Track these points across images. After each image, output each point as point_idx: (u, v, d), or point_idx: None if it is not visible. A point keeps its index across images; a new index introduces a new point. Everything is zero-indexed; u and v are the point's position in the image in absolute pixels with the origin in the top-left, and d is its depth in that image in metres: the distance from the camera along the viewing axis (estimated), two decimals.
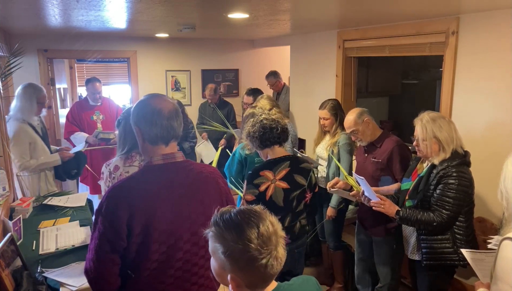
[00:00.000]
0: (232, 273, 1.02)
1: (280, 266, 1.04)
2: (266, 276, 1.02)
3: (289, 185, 2.24)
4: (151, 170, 1.47)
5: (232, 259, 1.01)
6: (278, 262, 1.01)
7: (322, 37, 4.30)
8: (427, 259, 2.21)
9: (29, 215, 2.73)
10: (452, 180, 2.07)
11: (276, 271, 1.03)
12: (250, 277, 1.02)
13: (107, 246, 1.36)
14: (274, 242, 1.01)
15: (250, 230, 1.01)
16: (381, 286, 2.76)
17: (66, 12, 2.77)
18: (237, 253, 1.00)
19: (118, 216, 1.34)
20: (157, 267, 1.40)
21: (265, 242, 1.00)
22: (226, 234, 1.02)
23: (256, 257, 0.99)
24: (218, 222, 1.05)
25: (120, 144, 2.11)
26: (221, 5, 2.55)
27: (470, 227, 2.20)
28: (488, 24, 2.64)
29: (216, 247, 1.04)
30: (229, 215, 1.06)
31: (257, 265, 0.99)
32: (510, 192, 1.36)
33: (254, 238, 0.99)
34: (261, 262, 0.99)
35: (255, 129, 2.26)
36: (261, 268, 0.99)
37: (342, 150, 3.06)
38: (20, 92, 3.20)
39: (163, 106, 1.49)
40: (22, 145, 3.12)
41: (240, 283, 1.03)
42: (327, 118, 3.13)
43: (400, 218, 2.20)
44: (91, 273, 1.40)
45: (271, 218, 1.05)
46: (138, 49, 5.42)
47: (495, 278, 1.34)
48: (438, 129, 2.12)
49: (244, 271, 1.01)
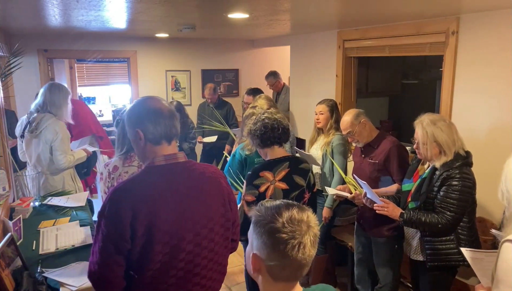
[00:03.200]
0: (256, 250, 1.04)
1: (306, 262, 1.02)
2: (287, 262, 1.00)
3: (288, 185, 2.23)
4: (153, 170, 1.47)
5: (257, 226, 1.03)
6: (301, 251, 1.00)
7: (322, 37, 4.30)
8: (432, 260, 2.21)
9: (29, 215, 2.73)
10: (455, 182, 2.06)
11: (299, 263, 1.01)
12: (270, 258, 1.01)
13: (111, 248, 1.35)
14: (303, 229, 1.01)
15: (285, 210, 1.03)
16: (381, 286, 2.76)
17: (66, 12, 2.77)
18: (263, 221, 1.02)
19: (121, 217, 1.33)
20: (160, 268, 1.40)
21: (293, 222, 1.01)
22: (264, 210, 1.06)
23: (278, 229, 1.00)
24: (263, 203, 1.09)
25: (119, 144, 2.11)
26: (221, 5, 2.55)
27: (473, 227, 2.20)
28: (488, 24, 2.64)
29: (252, 225, 1.07)
30: (275, 201, 1.09)
31: (278, 237, 0.99)
32: (511, 192, 1.35)
33: (285, 216, 1.01)
34: (282, 235, 0.99)
35: (257, 128, 2.25)
36: (280, 245, 0.99)
37: (335, 150, 3.05)
38: (54, 91, 3.16)
39: (161, 106, 1.50)
40: (66, 141, 3.14)
41: (261, 266, 1.03)
42: (323, 113, 3.13)
43: (404, 221, 2.20)
44: (96, 276, 1.39)
45: (311, 214, 1.06)
46: (138, 49, 5.42)
47: (496, 281, 1.33)
48: (439, 133, 2.10)
49: (265, 247, 1.01)
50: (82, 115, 4.16)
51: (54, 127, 3.06)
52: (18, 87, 4.54)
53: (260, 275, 1.06)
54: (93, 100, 8.37)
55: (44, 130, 3.04)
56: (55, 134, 3.05)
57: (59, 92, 3.17)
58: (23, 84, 4.57)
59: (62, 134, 3.09)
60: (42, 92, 3.16)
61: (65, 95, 3.20)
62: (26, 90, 4.57)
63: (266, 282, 1.06)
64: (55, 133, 3.05)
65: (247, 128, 2.34)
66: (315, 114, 3.20)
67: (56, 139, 3.05)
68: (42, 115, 3.08)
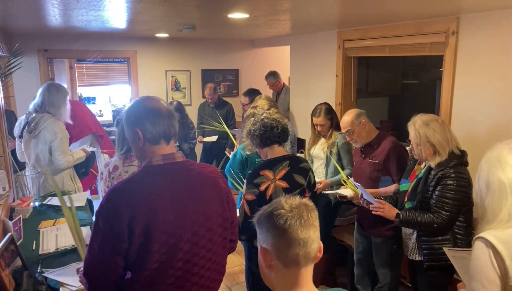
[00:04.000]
0: (262, 242, 1.07)
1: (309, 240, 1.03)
2: (289, 238, 1.02)
3: (289, 184, 2.24)
4: (151, 170, 1.47)
5: (258, 222, 1.08)
6: (301, 225, 1.03)
7: (322, 37, 4.30)
8: (429, 260, 2.21)
9: (29, 215, 2.73)
10: (450, 181, 2.07)
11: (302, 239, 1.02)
12: (274, 240, 1.04)
13: (108, 248, 1.35)
14: (302, 208, 1.05)
15: (285, 199, 1.09)
16: (381, 286, 2.76)
17: (66, 12, 2.77)
18: (263, 214, 1.08)
19: (119, 217, 1.33)
20: (158, 268, 1.40)
21: (291, 204, 1.06)
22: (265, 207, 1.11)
23: (278, 210, 1.04)
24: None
25: (119, 144, 2.11)
26: (221, 5, 2.55)
27: (470, 226, 2.20)
28: (488, 24, 2.64)
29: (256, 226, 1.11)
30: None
31: (277, 214, 1.04)
32: (482, 190, 1.40)
33: (284, 202, 1.07)
34: (281, 211, 1.04)
35: (256, 128, 2.26)
36: (280, 220, 1.02)
37: (341, 149, 3.08)
38: (53, 91, 3.15)
39: (160, 106, 1.51)
40: (65, 142, 3.13)
41: (270, 256, 1.05)
42: (323, 124, 3.16)
43: (400, 221, 2.21)
44: (92, 275, 1.40)
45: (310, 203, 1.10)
46: (138, 49, 5.42)
47: (470, 278, 1.39)
48: (431, 133, 2.12)
49: (267, 230, 1.05)
50: (80, 115, 4.14)
51: (53, 128, 3.05)
52: (18, 87, 4.54)
53: (272, 271, 1.06)
54: (93, 100, 8.37)
55: (43, 130, 3.04)
56: (54, 135, 3.05)
57: (57, 93, 3.15)
58: (23, 84, 4.56)
59: (61, 135, 3.09)
60: (40, 92, 3.15)
61: (63, 95, 3.19)
62: (26, 90, 4.56)
63: (279, 273, 1.06)
64: (54, 133, 3.05)
65: (246, 130, 2.35)
66: (316, 125, 3.22)
67: (55, 140, 3.05)
68: (41, 116, 3.07)
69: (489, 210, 1.37)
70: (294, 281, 1.05)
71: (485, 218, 1.38)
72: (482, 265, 1.33)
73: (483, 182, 1.40)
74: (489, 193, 1.37)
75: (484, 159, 1.43)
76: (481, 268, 1.33)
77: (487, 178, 1.38)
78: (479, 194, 1.41)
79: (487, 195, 1.38)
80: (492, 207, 1.36)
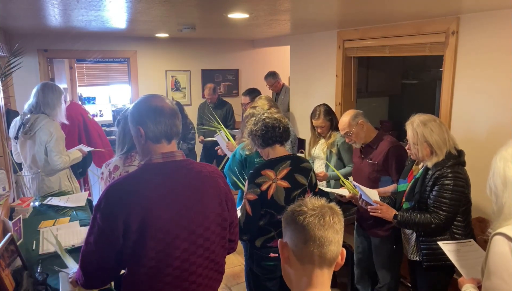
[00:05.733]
0: (284, 236, 1.09)
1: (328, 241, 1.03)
2: (307, 235, 1.03)
3: (290, 184, 2.24)
4: (150, 168, 1.48)
5: (285, 215, 1.10)
6: (321, 224, 1.03)
7: (322, 37, 4.30)
8: (428, 260, 2.21)
9: (29, 215, 2.73)
10: (447, 181, 2.07)
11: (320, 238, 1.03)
12: (293, 235, 1.05)
13: (105, 242, 1.38)
14: (325, 209, 1.06)
15: (310, 200, 1.10)
16: (381, 286, 2.76)
17: (66, 12, 2.78)
18: (291, 207, 1.10)
19: (115, 213, 1.35)
20: (155, 265, 1.41)
21: (314, 204, 1.07)
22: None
23: (301, 207, 1.06)
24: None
25: (120, 144, 2.11)
26: (221, 5, 2.55)
27: (468, 226, 2.20)
28: (488, 24, 2.65)
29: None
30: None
31: (299, 211, 1.06)
32: (498, 187, 1.38)
33: (309, 201, 1.09)
34: (303, 208, 1.06)
35: (257, 128, 2.26)
36: (300, 216, 1.04)
37: (342, 148, 3.10)
38: (47, 91, 3.14)
39: (164, 105, 1.51)
40: (61, 142, 3.12)
41: (288, 251, 1.07)
42: (324, 126, 3.18)
43: (398, 222, 2.22)
44: (88, 268, 1.42)
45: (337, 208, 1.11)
46: (138, 49, 5.42)
47: (488, 273, 1.36)
48: (429, 133, 2.12)
49: (287, 225, 1.07)
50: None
51: (49, 128, 3.04)
52: (18, 87, 4.54)
53: (290, 268, 1.08)
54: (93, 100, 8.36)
55: (39, 131, 3.02)
56: (50, 135, 3.03)
57: (52, 93, 3.14)
58: (23, 84, 4.56)
59: (57, 135, 3.07)
60: (35, 92, 3.13)
61: (58, 95, 3.17)
62: (26, 90, 4.53)
63: (296, 271, 1.07)
64: (49, 134, 3.03)
65: (247, 129, 2.34)
66: (316, 127, 3.23)
67: (51, 140, 3.03)
68: (36, 116, 3.05)
69: (506, 207, 1.35)
70: (309, 281, 1.05)
71: (502, 215, 1.36)
72: (503, 260, 1.31)
73: (498, 179, 1.38)
74: (506, 189, 1.35)
75: (499, 156, 1.41)
76: (502, 263, 1.31)
77: (503, 175, 1.37)
78: (494, 191, 1.40)
79: (504, 191, 1.36)
80: (510, 203, 1.34)
